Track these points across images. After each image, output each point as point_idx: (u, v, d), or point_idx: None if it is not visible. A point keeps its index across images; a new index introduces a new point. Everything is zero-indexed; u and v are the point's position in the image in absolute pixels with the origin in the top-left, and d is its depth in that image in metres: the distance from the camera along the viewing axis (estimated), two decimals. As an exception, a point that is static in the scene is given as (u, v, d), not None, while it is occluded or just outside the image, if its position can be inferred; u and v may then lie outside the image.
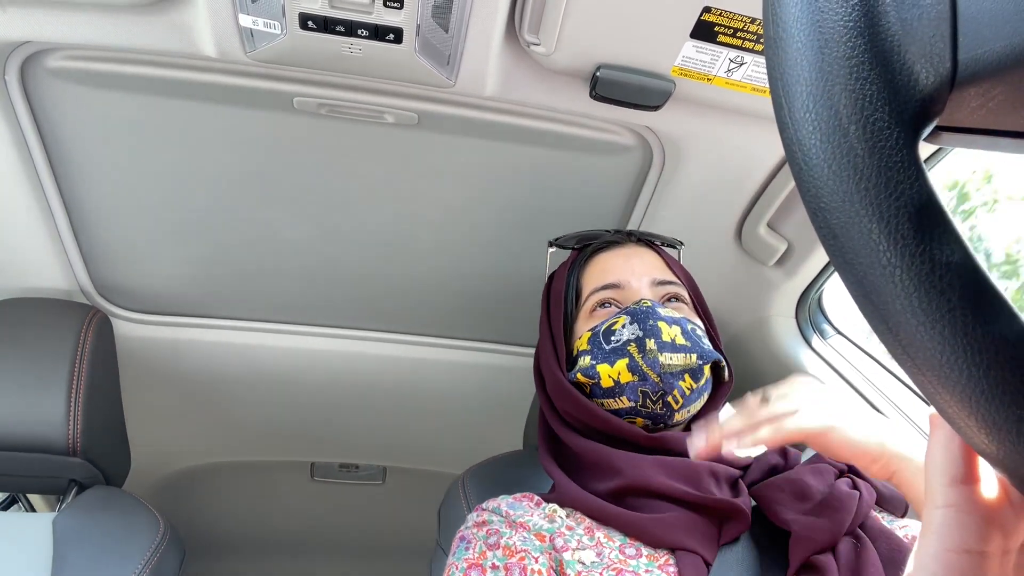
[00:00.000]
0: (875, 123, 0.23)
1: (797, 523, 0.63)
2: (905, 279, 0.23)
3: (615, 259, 0.83)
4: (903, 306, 0.23)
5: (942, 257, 0.23)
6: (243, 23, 0.68)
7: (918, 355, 0.24)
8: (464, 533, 0.69)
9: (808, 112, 0.24)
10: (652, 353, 0.71)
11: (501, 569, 0.61)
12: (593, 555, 0.63)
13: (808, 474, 0.70)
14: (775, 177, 0.96)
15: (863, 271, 0.24)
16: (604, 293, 0.79)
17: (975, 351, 0.22)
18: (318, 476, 1.54)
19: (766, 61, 0.26)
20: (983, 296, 0.23)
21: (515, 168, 0.94)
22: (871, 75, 0.23)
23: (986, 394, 0.23)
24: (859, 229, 0.24)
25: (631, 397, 0.72)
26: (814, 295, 1.09)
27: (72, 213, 0.95)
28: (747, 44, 0.72)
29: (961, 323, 0.22)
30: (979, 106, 0.24)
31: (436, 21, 0.69)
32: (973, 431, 0.24)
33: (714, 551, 0.64)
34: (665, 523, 0.64)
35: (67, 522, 0.84)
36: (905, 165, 0.23)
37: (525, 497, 0.72)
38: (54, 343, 0.90)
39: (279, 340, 1.16)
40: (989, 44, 0.23)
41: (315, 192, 0.96)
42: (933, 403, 0.25)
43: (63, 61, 0.78)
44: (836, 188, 0.24)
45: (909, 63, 0.23)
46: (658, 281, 0.80)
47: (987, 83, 0.23)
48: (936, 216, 0.23)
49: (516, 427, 1.10)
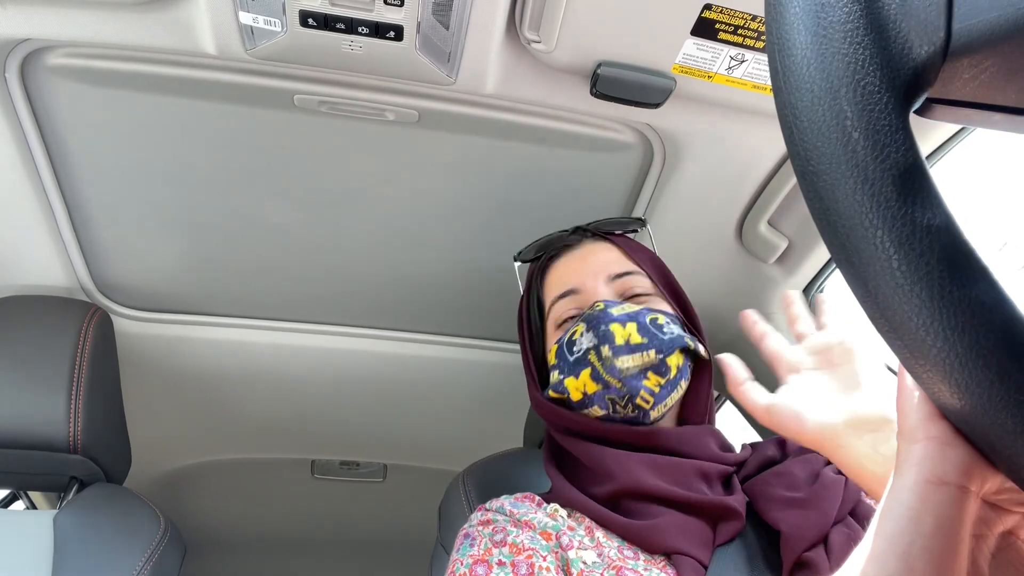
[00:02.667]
0: (866, 87, 0.23)
1: (785, 522, 0.63)
2: (886, 240, 0.23)
3: (571, 263, 0.83)
4: (883, 267, 0.23)
5: (923, 220, 0.23)
6: (243, 20, 0.68)
7: (895, 316, 0.24)
8: (468, 531, 0.69)
9: (801, 76, 0.24)
10: (608, 360, 0.70)
11: (508, 565, 0.61)
12: (594, 555, 0.63)
13: (797, 465, 0.70)
14: (776, 174, 0.96)
15: (846, 233, 0.24)
16: (563, 303, 0.80)
17: (951, 314, 0.23)
18: (319, 473, 1.54)
19: (765, 26, 0.27)
20: (962, 260, 0.23)
21: (515, 166, 0.94)
22: (865, 40, 0.23)
23: (960, 357, 0.23)
24: (844, 190, 0.24)
25: (602, 406, 0.72)
26: (815, 293, 1.09)
27: (72, 211, 0.95)
28: (748, 41, 0.72)
29: (938, 285, 0.23)
30: (971, 78, 0.25)
31: (436, 18, 0.69)
32: (945, 393, 0.24)
33: (709, 552, 0.64)
34: (659, 529, 0.64)
35: (68, 519, 0.84)
36: (893, 129, 0.23)
37: (526, 498, 0.72)
38: (55, 341, 0.91)
39: (280, 337, 1.16)
40: (983, 14, 0.23)
41: (316, 189, 0.96)
42: (906, 365, 0.25)
43: (63, 59, 0.78)
44: (824, 150, 0.24)
45: (904, 31, 0.24)
46: (614, 275, 0.79)
47: (980, 54, 0.23)
48: (920, 180, 0.23)
49: (517, 424, 1.11)
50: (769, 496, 0.67)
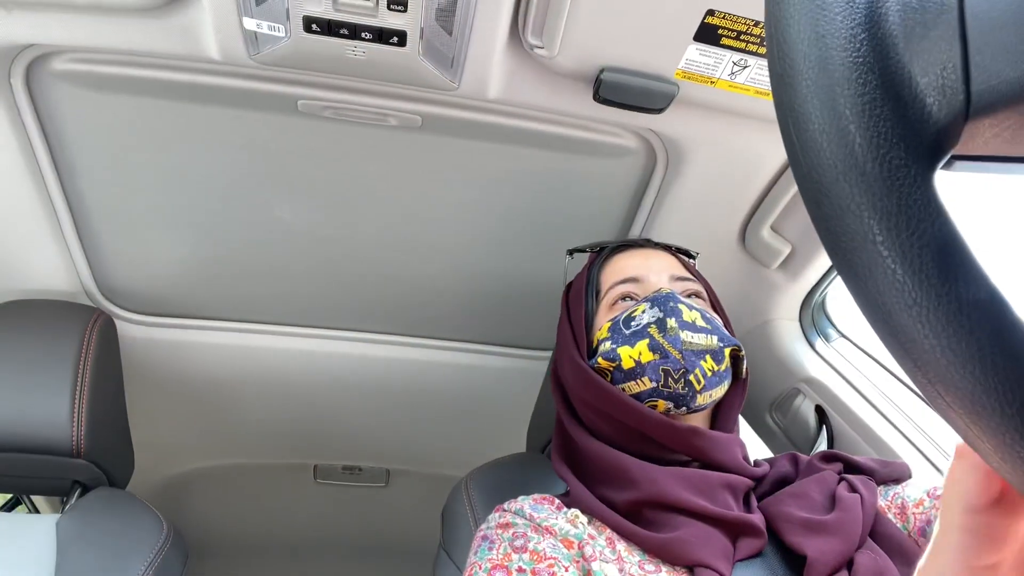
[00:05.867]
0: (891, 161, 0.23)
1: (811, 547, 0.62)
2: (933, 319, 0.23)
3: (634, 258, 0.83)
4: (932, 345, 0.23)
5: (968, 296, 0.22)
6: (247, 26, 0.68)
7: (949, 393, 0.24)
8: (487, 533, 0.68)
9: (822, 152, 0.24)
10: (673, 331, 0.71)
11: (528, 573, 0.61)
12: (615, 570, 0.62)
13: (812, 485, 0.69)
14: (778, 180, 0.96)
15: (888, 312, 0.24)
16: (624, 287, 0.79)
17: (1006, 389, 0.22)
18: (321, 478, 1.54)
19: (774, 99, 0.26)
20: (1012, 333, 0.22)
21: (518, 171, 0.94)
22: (884, 111, 0.23)
23: (1019, 430, 0.22)
24: (883, 270, 0.23)
25: (652, 377, 0.71)
26: (818, 298, 1.09)
27: (76, 215, 0.96)
28: (750, 47, 0.72)
29: (991, 362, 0.22)
30: (993, 135, 0.24)
31: (440, 24, 0.70)
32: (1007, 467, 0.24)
33: (730, 566, 0.63)
34: (683, 541, 0.63)
35: (71, 524, 0.84)
36: (924, 203, 0.23)
37: (545, 499, 0.71)
38: (58, 345, 0.91)
39: (283, 342, 1.16)
40: (1002, 75, 0.22)
41: (319, 195, 0.96)
42: (963, 436, 0.25)
43: (68, 64, 0.78)
44: (857, 229, 0.24)
45: (921, 96, 0.23)
46: (677, 277, 0.80)
47: (1001, 113, 0.23)
48: (959, 254, 0.23)
49: (519, 430, 1.10)
50: (787, 517, 0.66)
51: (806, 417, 1.05)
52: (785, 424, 1.09)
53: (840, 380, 1.01)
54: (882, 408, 0.95)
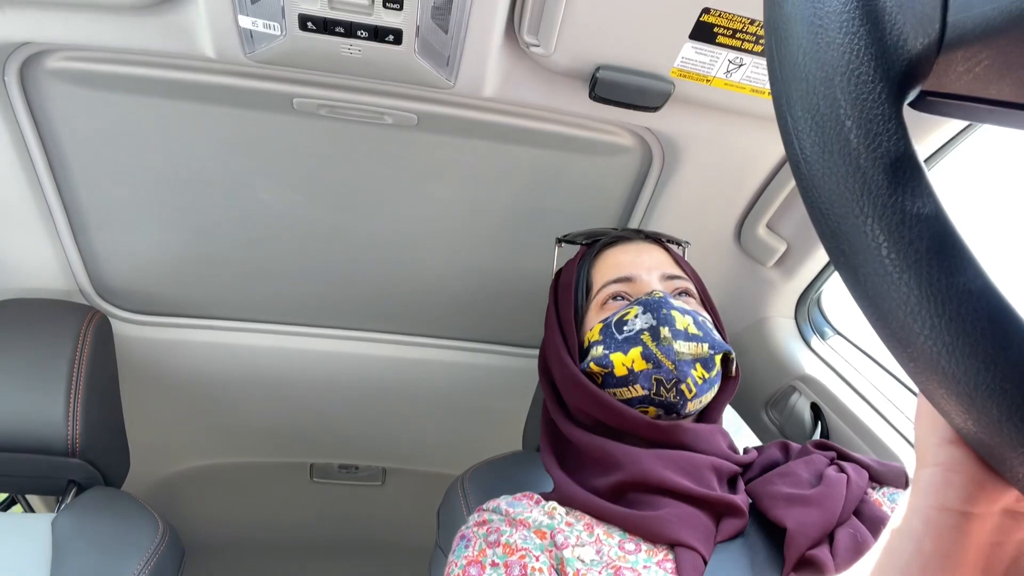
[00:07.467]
0: (860, 76, 0.24)
1: (790, 518, 0.63)
2: (876, 228, 0.24)
3: (625, 254, 0.83)
4: (873, 255, 0.24)
5: (913, 208, 0.23)
6: (243, 24, 0.68)
7: (883, 304, 0.24)
8: (465, 532, 0.69)
9: (797, 65, 0.25)
10: (667, 341, 0.71)
11: (501, 566, 0.62)
12: (592, 552, 0.63)
13: (800, 465, 0.70)
14: (774, 178, 0.97)
15: (837, 221, 0.25)
16: (615, 287, 0.79)
17: (938, 302, 0.23)
18: (317, 477, 1.54)
19: (764, 16, 0.27)
20: (951, 249, 0.23)
21: (514, 169, 0.94)
22: (860, 31, 0.24)
23: (947, 346, 0.23)
24: (836, 178, 0.24)
25: (644, 385, 0.72)
26: (813, 296, 1.10)
27: (71, 214, 0.95)
28: (746, 45, 0.72)
29: (926, 274, 0.23)
30: (965, 71, 0.25)
31: (435, 22, 0.70)
32: (934, 387, 0.24)
33: (711, 547, 0.64)
34: (663, 519, 0.64)
35: (66, 523, 0.84)
36: (886, 118, 0.24)
37: (525, 496, 0.72)
38: (53, 344, 0.90)
39: (279, 341, 1.16)
40: (978, 7, 0.23)
41: (314, 193, 0.96)
42: (895, 355, 0.25)
43: (63, 62, 0.78)
44: (817, 138, 0.24)
45: (899, 23, 0.24)
46: (668, 275, 0.80)
47: (975, 47, 0.24)
48: (911, 169, 0.23)
49: (516, 428, 1.10)
50: (772, 494, 0.67)
51: (802, 414, 1.05)
52: (781, 421, 1.10)
53: (836, 377, 1.02)
54: (878, 405, 0.95)
